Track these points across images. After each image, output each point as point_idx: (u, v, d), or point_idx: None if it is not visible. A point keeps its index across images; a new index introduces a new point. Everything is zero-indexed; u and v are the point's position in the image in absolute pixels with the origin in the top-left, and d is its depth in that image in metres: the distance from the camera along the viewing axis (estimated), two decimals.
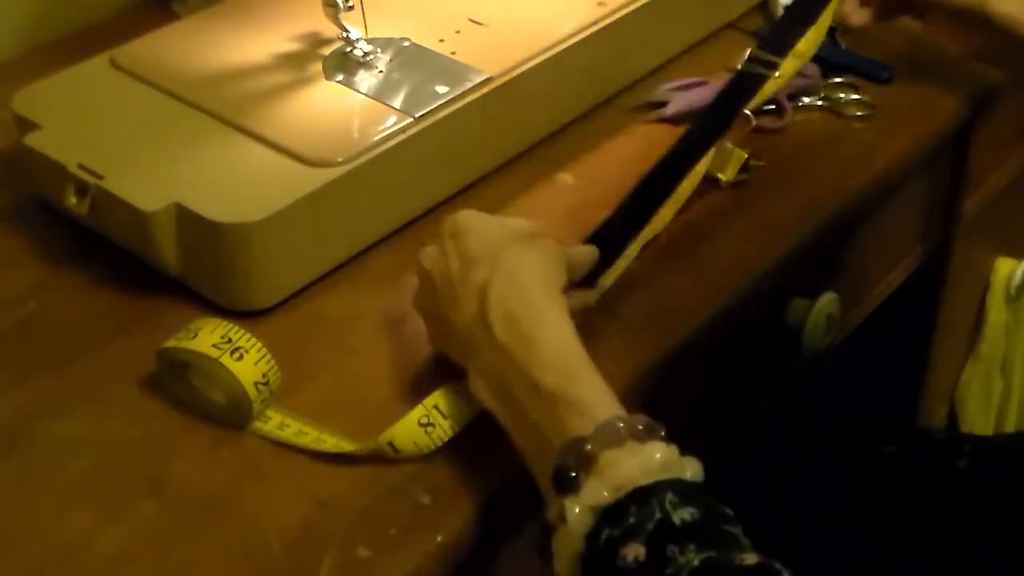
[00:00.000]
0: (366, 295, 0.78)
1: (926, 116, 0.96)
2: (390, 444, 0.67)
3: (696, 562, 0.55)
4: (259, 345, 0.68)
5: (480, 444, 0.69)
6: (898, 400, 1.25)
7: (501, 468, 0.67)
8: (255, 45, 0.88)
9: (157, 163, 0.78)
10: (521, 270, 0.67)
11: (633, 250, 0.78)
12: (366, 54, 0.86)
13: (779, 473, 0.87)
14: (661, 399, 0.77)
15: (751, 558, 0.55)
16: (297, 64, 0.86)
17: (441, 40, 0.89)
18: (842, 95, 0.96)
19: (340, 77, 0.85)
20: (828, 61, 0.98)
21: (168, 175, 0.77)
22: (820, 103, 0.95)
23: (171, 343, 0.69)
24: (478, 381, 0.67)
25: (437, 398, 0.69)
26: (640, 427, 0.61)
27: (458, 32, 0.90)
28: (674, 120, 0.92)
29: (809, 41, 0.89)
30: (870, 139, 0.93)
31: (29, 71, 0.88)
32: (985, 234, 1.22)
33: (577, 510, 0.59)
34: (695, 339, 0.76)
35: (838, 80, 0.97)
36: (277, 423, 0.69)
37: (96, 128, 0.81)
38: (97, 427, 0.69)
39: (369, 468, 0.67)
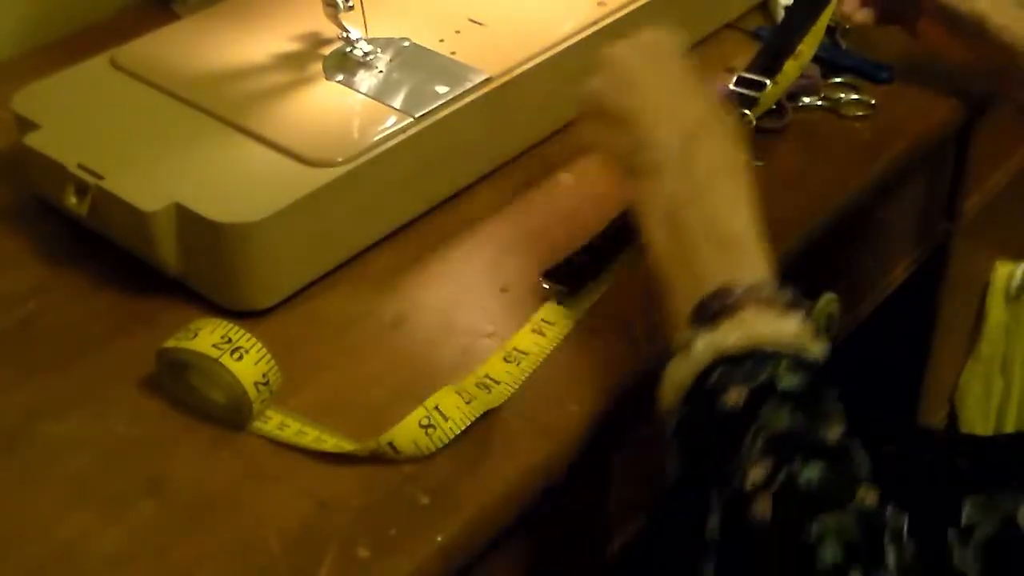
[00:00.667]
0: (366, 295, 0.78)
1: (926, 116, 0.96)
2: (390, 445, 0.67)
3: (784, 424, 0.59)
4: (259, 345, 0.68)
5: (480, 445, 0.69)
6: (898, 400, 1.25)
7: (501, 468, 0.67)
8: (255, 45, 0.88)
9: (157, 163, 0.78)
10: (732, 128, 0.72)
11: None
12: (366, 54, 0.86)
13: None
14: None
15: (834, 433, 0.59)
16: (297, 64, 0.86)
17: (441, 40, 0.89)
18: (842, 95, 0.96)
19: (340, 77, 0.85)
20: (828, 61, 0.98)
21: (168, 175, 0.77)
22: (820, 103, 0.95)
23: (171, 343, 0.69)
24: (649, 202, 0.70)
25: (438, 399, 0.69)
26: (788, 299, 0.65)
27: (458, 32, 0.90)
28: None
29: (808, 44, 0.90)
30: (870, 139, 0.93)
31: (29, 71, 0.89)
32: (985, 234, 1.22)
33: (704, 345, 0.64)
34: None
35: (838, 80, 0.97)
36: (277, 423, 0.69)
37: (96, 128, 0.81)
38: (97, 427, 0.69)
39: (369, 468, 0.67)
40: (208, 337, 0.68)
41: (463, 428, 0.68)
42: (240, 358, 0.68)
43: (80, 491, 0.66)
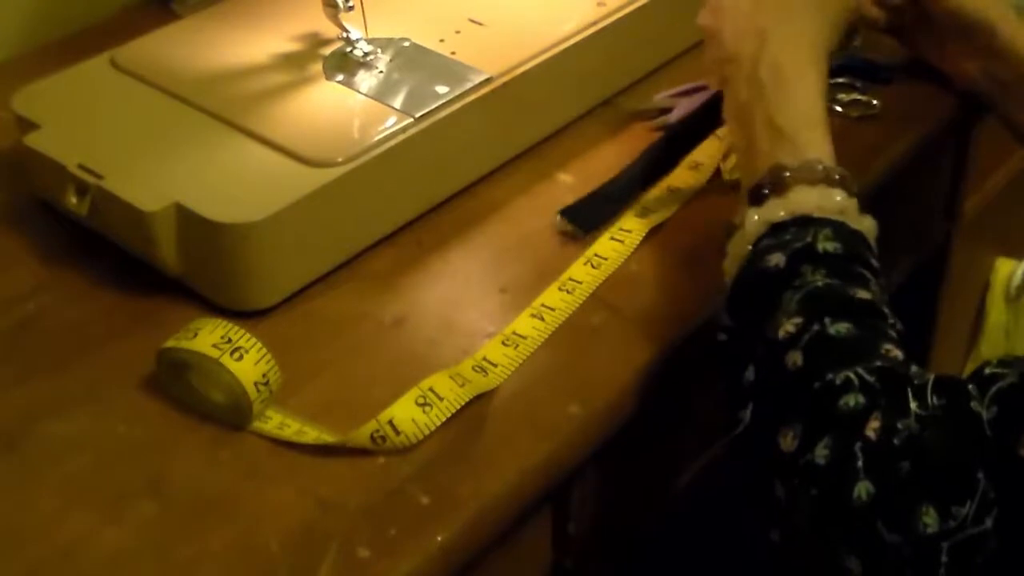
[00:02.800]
0: (366, 295, 0.78)
1: (926, 116, 0.96)
2: (390, 423, 0.67)
3: (819, 283, 0.64)
4: (259, 345, 0.68)
5: (480, 445, 0.69)
6: None
7: (501, 468, 0.67)
8: (255, 45, 0.88)
9: (157, 163, 0.78)
10: (803, 31, 0.76)
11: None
12: (366, 54, 0.86)
13: None
14: (662, 397, 0.77)
15: (865, 294, 0.64)
16: (297, 64, 0.86)
17: (441, 40, 0.89)
18: (842, 95, 0.96)
19: (340, 77, 0.85)
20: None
21: (168, 175, 0.77)
22: None
23: (171, 343, 0.69)
24: (730, 103, 0.76)
25: (432, 381, 0.69)
26: (836, 176, 0.70)
27: (458, 32, 0.90)
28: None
29: None
30: (870, 139, 0.93)
31: (29, 71, 0.88)
32: (985, 234, 1.22)
33: (756, 218, 0.69)
34: (696, 337, 0.76)
35: (838, 80, 0.97)
36: (277, 423, 0.69)
37: (96, 128, 0.81)
38: (97, 427, 0.69)
39: (369, 468, 0.67)
40: (208, 337, 0.68)
41: (458, 408, 0.69)
42: (240, 358, 0.68)
43: (80, 491, 0.66)
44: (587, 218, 0.83)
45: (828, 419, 0.59)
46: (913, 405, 0.58)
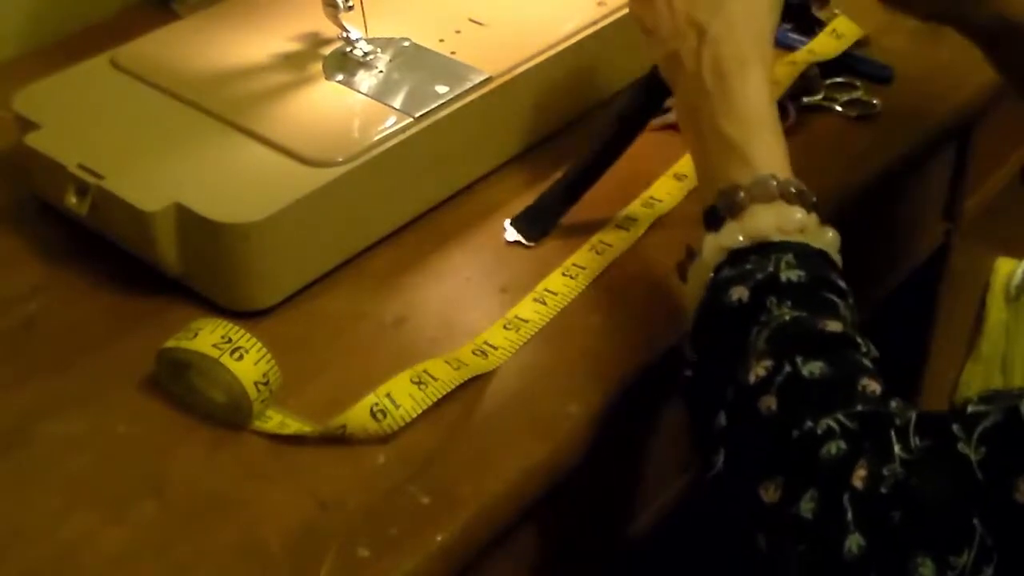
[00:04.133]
0: (366, 295, 0.78)
1: (926, 116, 0.96)
2: (388, 396, 0.68)
3: (787, 317, 0.61)
4: (259, 345, 0.69)
5: (480, 444, 0.69)
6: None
7: (501, 468, 0.67)
8: (255, 45, 0.88)
9: (157, 163, 0.78)
10: (739, 19, 0.72)
11: None
12: (366, 54, 0.86)
13: None
14: (661, 397, 0.77)
15: (835, 325, 0.61)
16: (297, 64, 0.86)
17: (441, 40, 0.89)
18: (842, 95, 0.96)
19: (340, 77, 0.85)
20: (828, 61, 0.98)
21: (168, 175, 0.77)
22: (820, 103, 0.95)
23: (171, 343, 0.69)
24: (678, 104, 0.74)
25: (426, 364, 0.70)
26: (792, 190, 0.67)
27: (458, 32, 0.90)
28: (678, 125, 0.92)
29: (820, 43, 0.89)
30: (870, 139, 0.93)
31: (29, 71, 0.88)
32: (985, 234, 1.22)
33: (713, 245, 0.66)
34: None
35: (838, 80, 0.97)
36: (277, 423, 0.69)
37: (96, 128, 0.81)
38: (97, 427, 0.69)
39: (369, 468, 0.67)
40: (208, 337, 0.68)
41: (453, 387, 0.69)
42: (240, 358, 0.68)
43: (80, 491, 0.66)
44: (536, 226, 0.82)
45: (811, 470, 0.56)
46: (897, 448, 0.56)
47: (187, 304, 0.76)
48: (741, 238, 0.66)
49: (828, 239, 0.67)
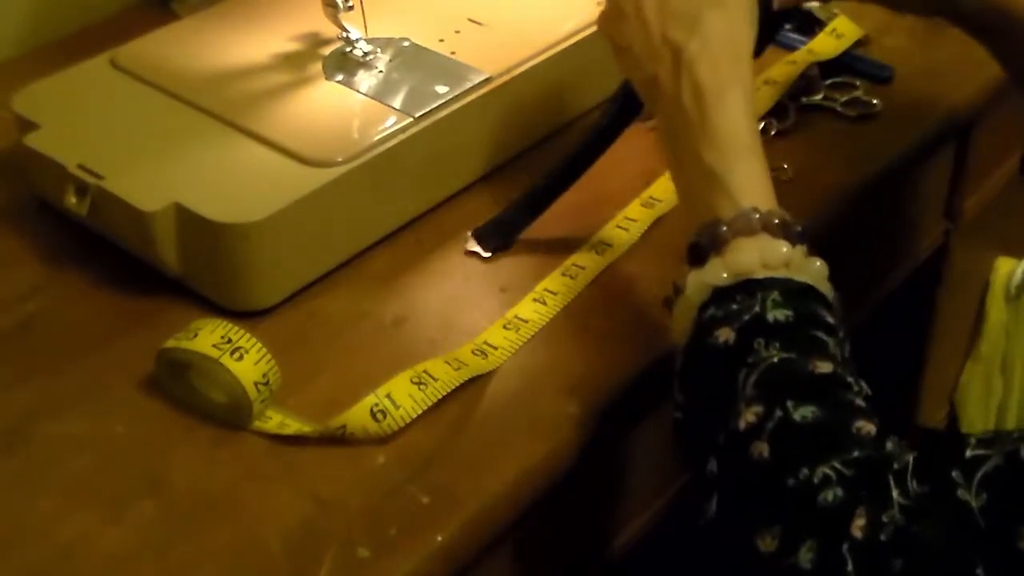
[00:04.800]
0: (366, 295, 0.78)
1: (926, 116, 0.96)
2: (388, 397, 0.68)
3: (775, 359, 0.60)
4: (259, 345, 0.69)
5: (480, 444, 0.69)
6: (898, 400, 1.25)
7: (501, 468, 0.67)
8: (255, 45, 0.88)
9: (157, 163, 0.78)
10: (716, 37, 0.69)
11: None
12: (366, 54, 0.86)
13: None
14: (660, 397, 0.77)
15: (825, 367, 0.59)
16: (297, 64, 0.86)
17: (441, 40, 0.89)
18: (842, 95, 0.96)
19: (340, 77, 0.85)
20: (828, 61, 0.98)
21: (168, 175, 0.77)
22: (820, 103, 0.95)
23: (171, 343, 0.69)
24: (659, 128, 0.71)
25: (426, 365, 0.70)
26: (776, 221, 0.65)
27: (458, 32, 0.90)
28: None
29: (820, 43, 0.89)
30: (870, 139, 0.93)
31: (29, 71, 0.88)
32: (985, 234, 1.22)
33: (695, 284, 0.64)
34: None
35: (838, 80, 0.97)
36: (277, 423, 0.69)
37: (96, 128, 0.81)
38: (97, 427, 0.69)
39: (369, 468, 0.67)
40: (208, 337, 0.68)
41: (452, 388, 0.69)
42: (240, 358, 0.68)
43: (80, 491, 0.66)
44: (497, 238, 0.81)
45: (809, 519, 0.55)
46: (895, 494, 0.54)
47: (187, 304, 0.76)
48: (725, 275, 0.64)
49: (815, 271, 0.65)
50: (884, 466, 0.56)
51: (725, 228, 0.64)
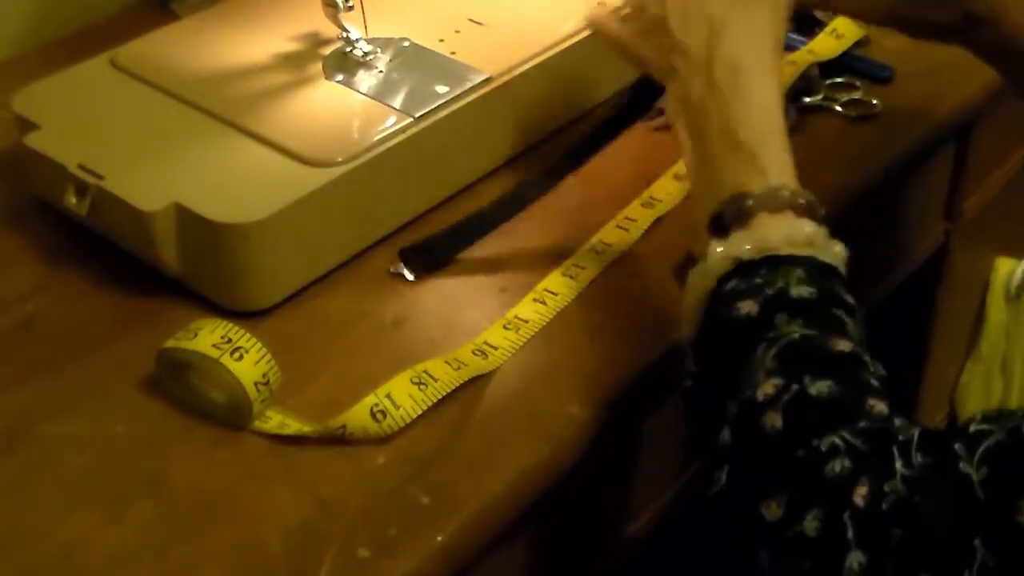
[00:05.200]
0: (366, 295, 0.78)
1: (926, 116, 0.96)
2: (388, 397, 0.68)
3: (796, 335, 0.60)
4: (259, 345, 0.68)
5: (480, 444, 0.69)
6: (897, 400, 1.24)
7: (501, 468, 0.67)
8: (255, 45, 0.88)
9: (157, 163, 0.78)
10: (760, 20, 0.69)
11: None
12: (366, 54, 0.86)
13: None
14: (661, 397, 0.77)
15: (844, 345, 0.60)
16: (297, 64, 0.86)
17: (441, 40, 0.89)
18: (842, 95, 0.96)
19: (340, 77, 0.85)
20: (828, 61, 0.98)
21: (168, 175, 0.77)
22: (820, 103, 0.95)
23: (171, 343, 0.69)
24: (677, 103, 0.70)
25: (426, 365, 0.70)
26: (802, 201, 0.65)
27: (458, 32, 0.90)
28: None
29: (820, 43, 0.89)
30: (870, 139, 0.93)
31: (29, 71, 0.88)
32: (985, 234, 1.22)
33: (720, 251, 0.64)
34: None
35: (838, 80, 0.97)
36: (277, 423, 0.69)
37: (96, 128, 0.81)
38: (97, 427, 0.69)
39: (369, 468, 0.67)
40: (208, 337, 0.68)
41: (452, 388, 0.69)
42: (240, 358, 0.68)
43: (80, 491, 0.66)
44: (421, 260, 0.80)
45: (814, 488, 0.56)
46: (898, 464, 0.55)
47: (187, 304, 0.76)
48: (748, 247, 0.64)
49: (836, 253, 0.65)
50: (890, 437, 0.57)
51: (751, 202, 0.65)
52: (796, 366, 0.59)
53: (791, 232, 0.64)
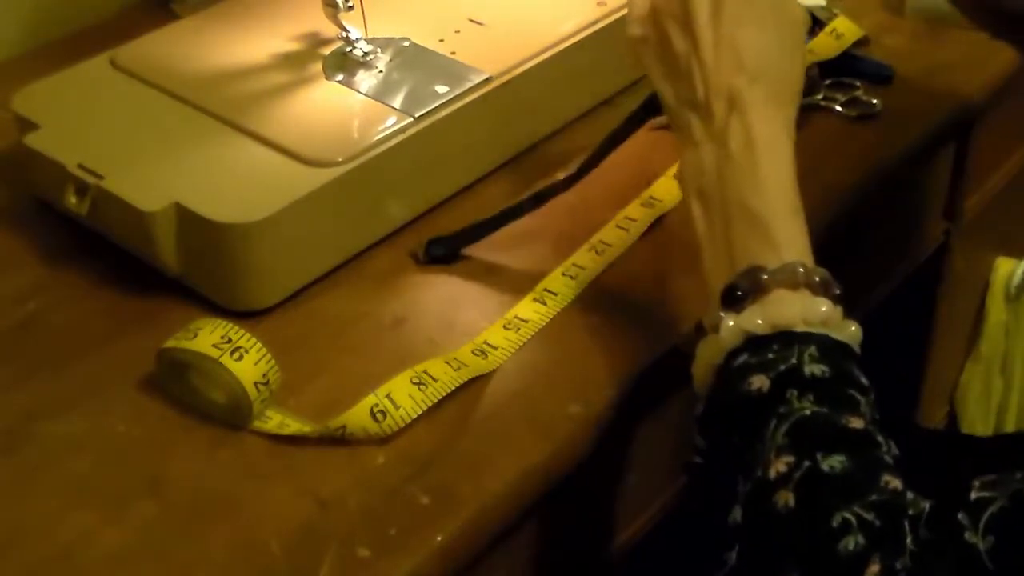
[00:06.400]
0: (366, 295, 0.78)
1: (926, 116, 0.96)
2: (388, 397, 0.68)
3: (808, 412, 0.59)
4: (259, 345, 0.69)
5: (480, 444, 0.69)
6: (898, 400, 1.25)
7: (501, 468, 0.67)
8: (255, 45, 0.88)
9: (157, 163, 0.78)
10: (775, 81, 0.69)
11: None
12: (366, 54, 0.86)
13: None
14: (661, 397, 0.77)
15: (857, 423, 0.59)
16: (297, 64, 0.86)
17: (441, 40, 0.89)
18: (842, 95, 0.96)
19: (340, 77, 0.85)
20: (828, 61, 0.98)
21: (168, 175, 0.77)
22: (820, 103, 0.95)
23: (171, 343, 0.69)
24: (686, 169, 0.69)
25: (426, 365, 0.70)
26: (817, 279, 0.64)
27: (458, 32, 0.90)
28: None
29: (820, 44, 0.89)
30: (870, 139, 0.93)
31: (29, 71, 0.88)
32: (985, 234, 1.22)
33: (731, 324, 0.63)
34: (696, 338, 0.76)
35: (838, 80, 0.97)
36: (277, 423, 0.69)
37: (96, 128, 0.81)
38: (97, 427, 0.69)
39: (369, 468, 0.67)
40: (208, 337, 0.68)
41: (452, 389, 0.69)
42: (240, 358, 0.68)
43: (80, 491, 0.66)
44: (447, 247, 0.80)
45: (828, 568, 0.55)
46: (908, 540, 0.55)
47: (187, 304, 0.76)
48: (760, 321, 0.63)
49: (851, 333, 0.64)
50: (901, 512, 0.56)
51: (767, 277, 0.64)
52: (808, 443, 0.58)
53: (807, 310, 0.63)
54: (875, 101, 0.95)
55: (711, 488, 0.62)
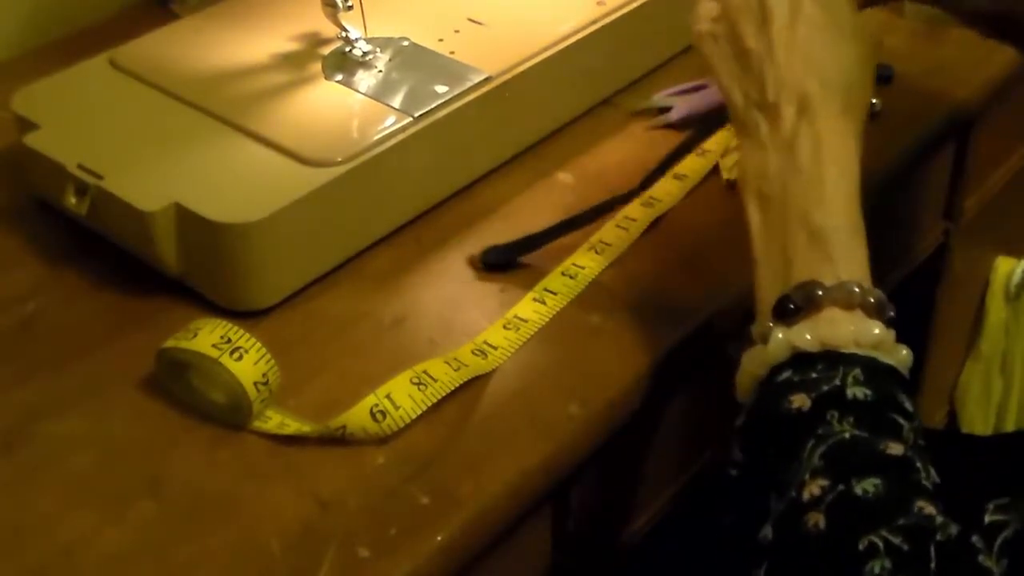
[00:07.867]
0: (366, 295, 0.78)
1: (926, 116, 0.96)
2: (388, 397, 0.68)
3: (846, 435, 0.58)
4: (259, 345, 0.69)
5: (480, 444, 0.69)
6: None
7: (501, 468, 0.67)
8: (255, 45, 0.88)
9: (157, 163, 0.78)
10: (848, 87, 0.67)
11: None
12: (365, 54, 0.86)
13: None
14: (660, 397, 0.77)
15: (896, 448, 0.58)
16: (297, 64, 0.86)
17: (441, 40, 0.89)
18: None
19: (339, 77, 0.85)
20: None
21: (168, 175, 0.77)
22: None
23: (171, 343, 0.69)
24: (748, 172, 0.68)
25: (426, 365, 0.70)
26: (872, 301, 0.63)
27: (457, 32, 0.90)
28: (678, 126, 0.92)
29: None
30: (870, 139, 0.93)
31: (29, 71, 0.88)
32: (985, 234, 1.22)
33: (780, 337, 0.62)
34: (695, 338, 0.76)
35: None
36: (277, 423, 0.69)
37: (96, 128, 0.81)
38: (97, 427, 0.69)
39: (369, 468, 0.67)
40: (208, 337, 0.68)
41: (452, 389, 0.69)
42: (240, 358, 0.68)
43: (80, 491, 0.66)
44: (503, 255, 0.80)
45: None
46: (932, 565, 0.54)
47: (187, 304, 0.76)
48: (809, 337, 0.62)
49: (901, 357, 0.63)
50: (929, 535, 0.55)
51: (822, 294, 0.62)
52: (844, 467, 0.57)
53: (859, 332, 0.62)
54: (875, 101, 0.95)
55: (745, 503, 0.62)
